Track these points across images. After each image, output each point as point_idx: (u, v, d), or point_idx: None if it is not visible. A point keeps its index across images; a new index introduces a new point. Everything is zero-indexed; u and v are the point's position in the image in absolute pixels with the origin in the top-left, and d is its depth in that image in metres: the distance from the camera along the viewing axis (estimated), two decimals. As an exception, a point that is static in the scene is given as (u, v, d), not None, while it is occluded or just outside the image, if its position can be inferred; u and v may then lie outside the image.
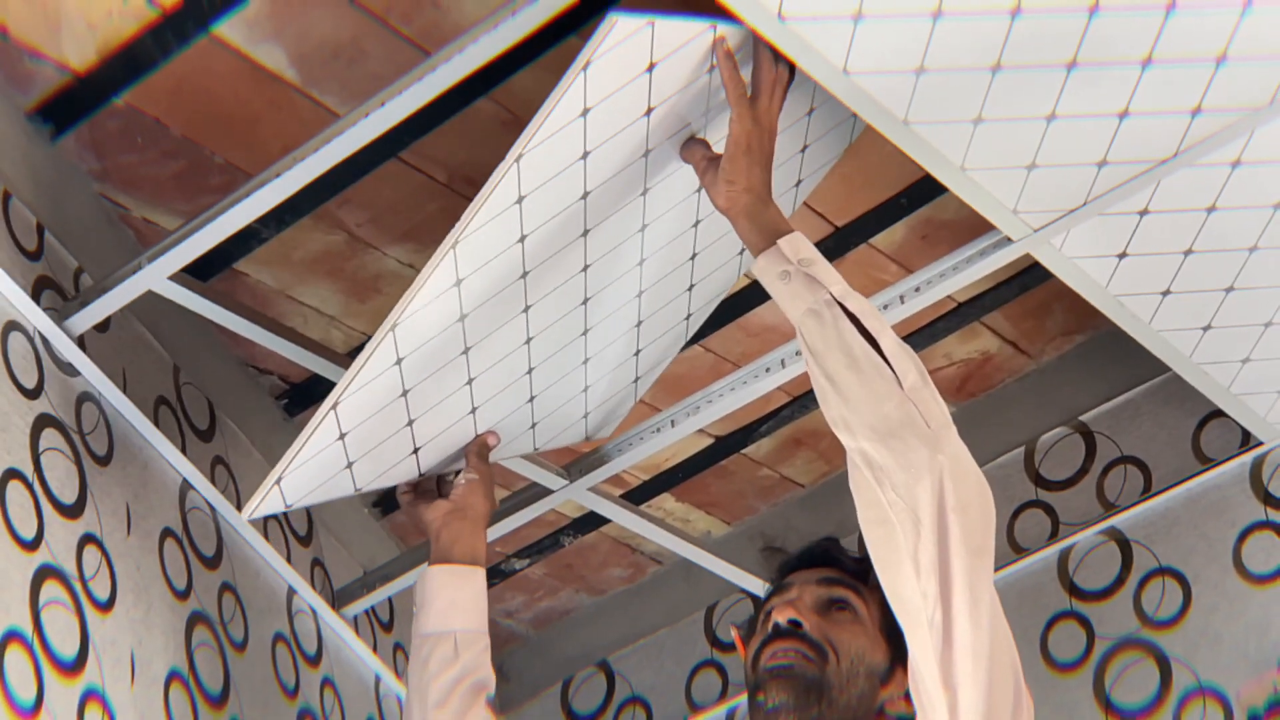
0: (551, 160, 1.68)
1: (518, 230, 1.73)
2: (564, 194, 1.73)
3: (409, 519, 2.04)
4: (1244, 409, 2.22)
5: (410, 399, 1.86)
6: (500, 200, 1.68)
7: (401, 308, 1.74)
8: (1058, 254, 1.97)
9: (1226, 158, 1.88)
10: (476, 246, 1.72)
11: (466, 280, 1.75)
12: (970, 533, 1.56)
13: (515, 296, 1.82)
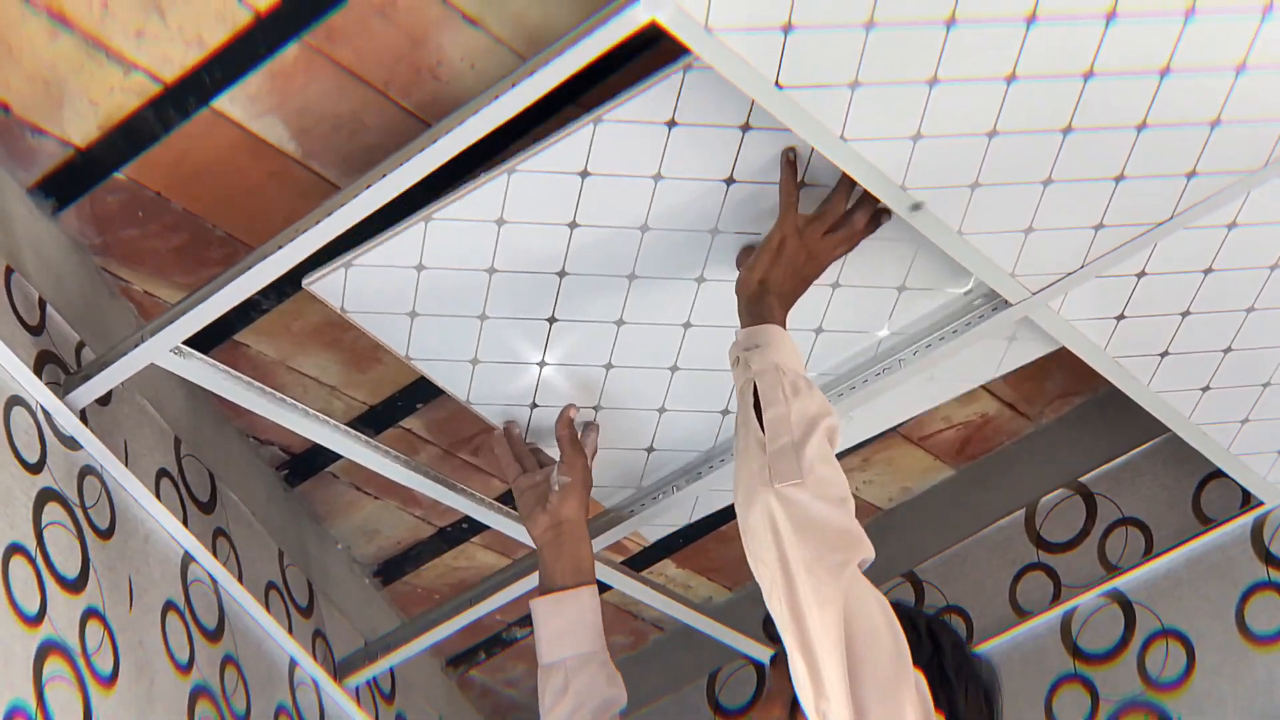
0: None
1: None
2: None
3: (520, 514, 1.98)
4: (1244, 469, 2.23)
5: (492, 286, 1.78)
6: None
7: (527, 156, 1.68)
8: (1056, 316, 1.98)
9: (1222, 220, 1.89)
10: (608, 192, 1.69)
11: (589, 188, 1.70)
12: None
13: (620, 267, 1.77)
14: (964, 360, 2.03)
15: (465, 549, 2.47)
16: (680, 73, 1.69)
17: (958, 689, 1.69)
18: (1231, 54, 1.71)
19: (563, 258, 1.82)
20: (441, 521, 2.43)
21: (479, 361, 1.89)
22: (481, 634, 2.60)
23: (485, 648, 2.63)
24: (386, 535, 2.44)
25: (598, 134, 1.71)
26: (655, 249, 1.83)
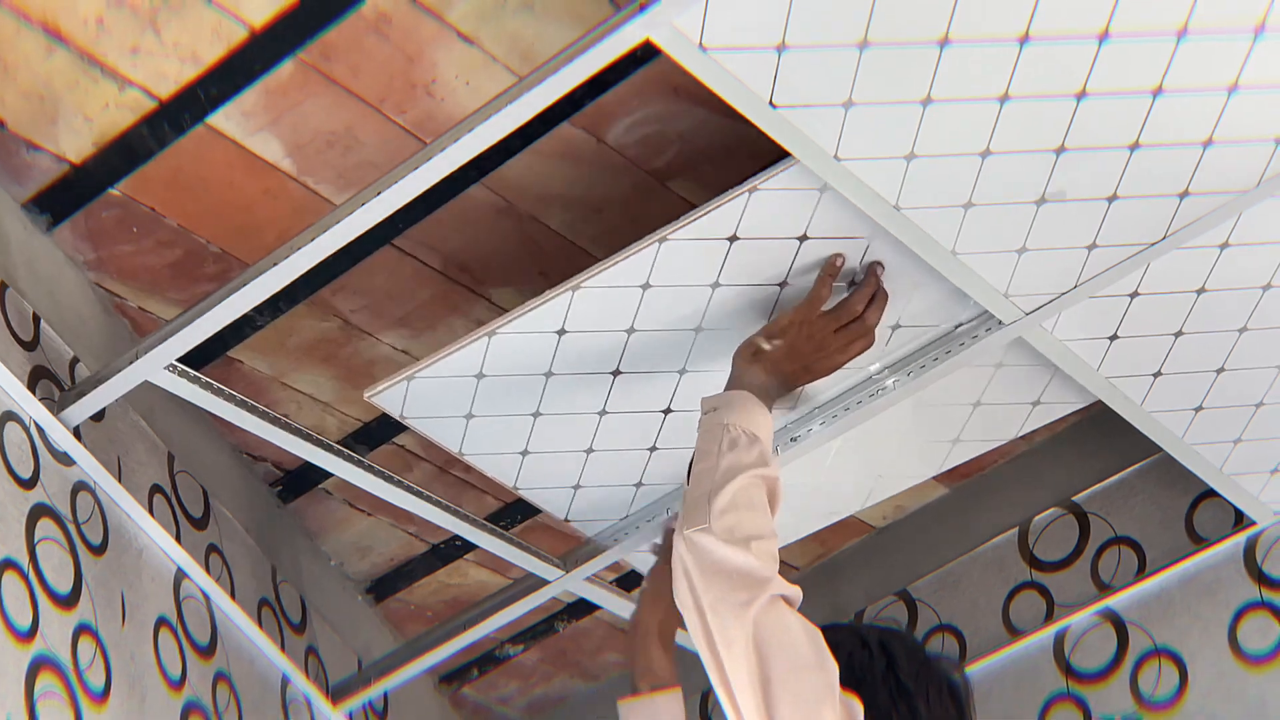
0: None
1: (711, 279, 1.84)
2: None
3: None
4: (1237, 489, 2.23)
5: (549, 387, 1.88)
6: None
7: (592, 274, 1.78)
8: (1049, 336, 1.99)
9: (1215, 240, 1.90)
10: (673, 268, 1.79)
11: (648, 298, 1.82)
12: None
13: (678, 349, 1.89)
14: (990, 417, 2.12)
15: (459, 566, 2.47)
16: (745, 194, 1.78)
17: (917, 695, 1.69)
18: (1224, 74, 1.72)
19: (619, 358, 1.92)
20: (434, 538, 2.43)
21: (528, 453, 2.00)
22: (475, 652, 2.59)
23: (479, 665, 2.63)
24: (379, 552, 2.44)
25: (661, 251, 1.81)
26: (704, 346, 1.93)
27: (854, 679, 1.69)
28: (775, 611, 1.61)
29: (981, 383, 2.08)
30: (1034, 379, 2.08)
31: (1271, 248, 1.92)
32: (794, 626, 1.62)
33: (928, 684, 1.71)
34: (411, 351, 2.15)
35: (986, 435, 2.16)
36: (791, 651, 1.60)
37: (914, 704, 1.69)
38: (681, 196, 2.00)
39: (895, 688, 1.69)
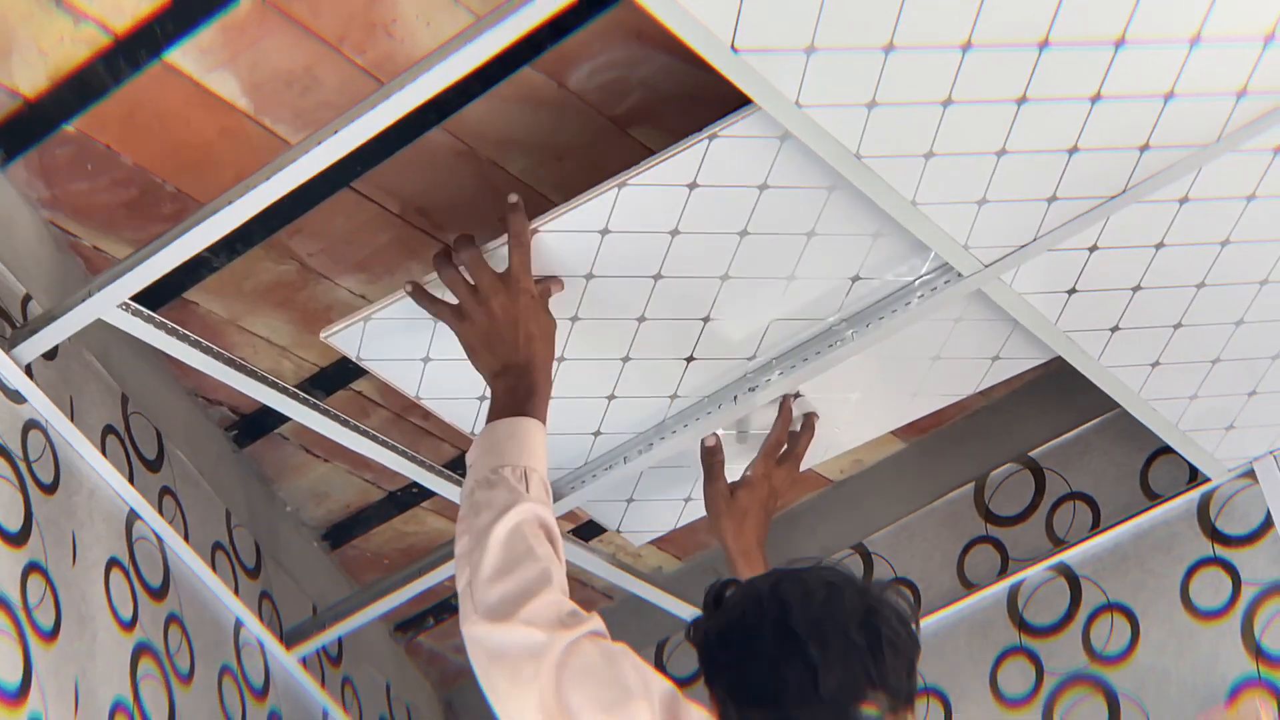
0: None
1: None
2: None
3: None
4: (1192, 445, 2.24)
5: None
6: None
7: (549, 218, 1.81)
8: (1008, 289, 1.99)
9: (1174, 194, 1.90)
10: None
11: (607, 243, 1.85)
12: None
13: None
14: (949, 372, 2.12)
15: (415, 514, 2.47)
16: (705, 141, 1.78)
17: (811, 642, 1.59)
18: (1186, 26, 1.71)
19: (576, 306, 1.91)
20: (391, 486, 2.42)
21: (486, 399, 1.95)
22: (430, 600, 2.59)
23: (434, 614, 2.62)
24: (336, 498, 2.43)
25: (620, 197, 1.81)
26: (664, 292, 1.93)
27: (745, 636, 1.64)
28: (572, 662, 1.59)
29: (941, 337, 2.08)
30: (994, 334, 2.08)
31: (1230, 203, 1.93)
32: (593, 668, 1.59)
33: (826, 630, 1.60)
34: (369, 296, 2.13)
35: (947, 390, 2.17)
36: (598, 694, 1.58)
37: (806, 651, 1.59)
38: (643, 143, 1.99)
39: (785, 636, 1.60)
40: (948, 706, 2.36)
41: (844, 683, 1.59)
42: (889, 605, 1.64)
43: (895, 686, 1.61)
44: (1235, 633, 2.23)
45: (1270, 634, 2.21)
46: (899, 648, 1.62)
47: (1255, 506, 2.26)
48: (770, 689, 1.61)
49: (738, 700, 1.65)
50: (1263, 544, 2.25)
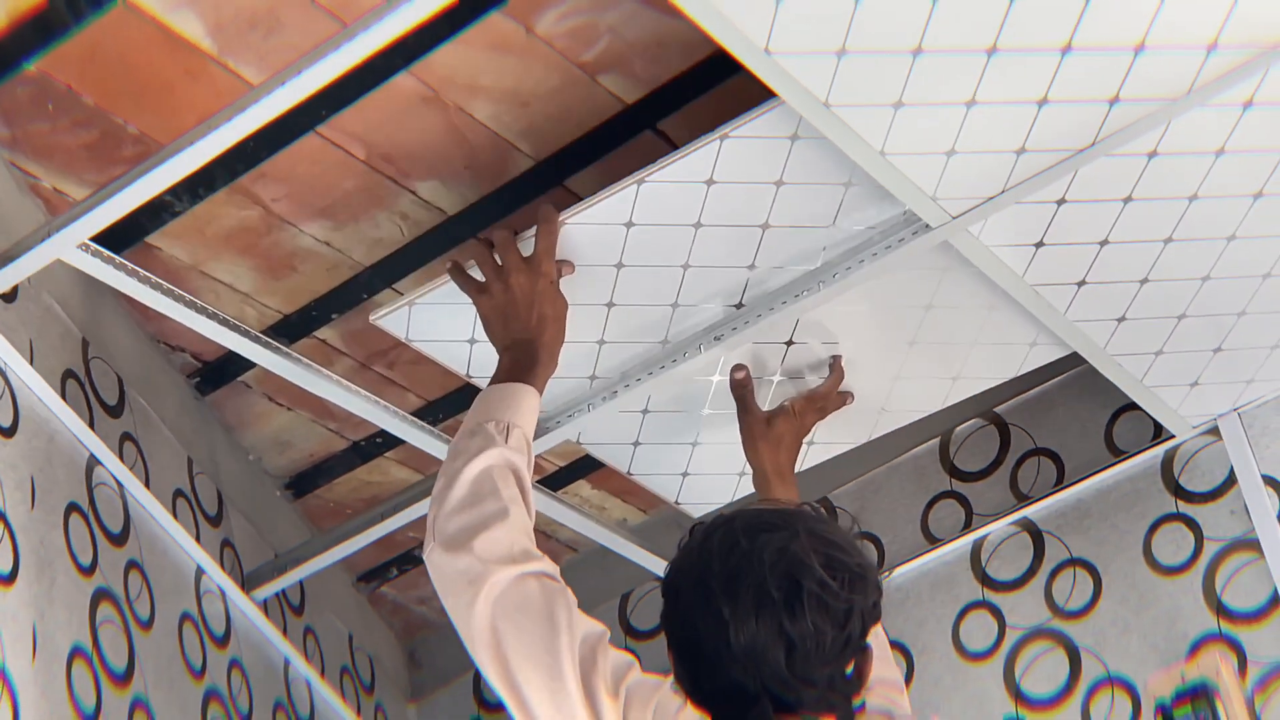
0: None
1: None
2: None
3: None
4: (1156, 401, 2.24)
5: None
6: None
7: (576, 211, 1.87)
8: (975, 242, 1.98)
9: (1143, 148, 1.89)
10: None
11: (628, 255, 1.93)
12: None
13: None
14: (985, 358, 2.16)
15: (379, 464, 2.45)
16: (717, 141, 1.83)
17: (724, 597, 1.56)
18: (1158, -23, 1.71)
19: (610, 291, 1.99)
20: (355, 435, 2.41)
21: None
22: (393, 550, 2.59)
23: (397, 564, 2.62)
24: (299, 448, 2.42)
25: (641, 191, 1.87)
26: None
27: (674, 587, 1.63)
28: (510, 594, 1.62)
29: (978, 323, 2.12)
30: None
31: (1199, 157, 1.92)
32: (530, 600, 1.62)
33: (739, 584, 1.56)
34: (334, 243, 2.12)
35: (986, 373, 2.20)
36: (524, 625, 1.61)
37: (718, 608, 1.56)
38: (610, 91, 1.98)
39: (701, 589, 1.58)
40: (910, 660, 2.37)
41: (756, 637, 1.57)
42: (821, 554, 1.59)
43: (819, 640, 1.58)
44: (1197, 588, 2.24)
45: (1231, 590, 2.22)
46: (826, 603, 1.58)
47: (1218, 463, 2.27)
48: (691, 641, 1.61)
49: (672, 647, 1.65)
50: (1225, 500, 2.26)
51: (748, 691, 1.58)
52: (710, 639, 1.59)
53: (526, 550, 1.65)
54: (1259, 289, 2.10)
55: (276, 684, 2.29)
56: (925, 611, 2.39)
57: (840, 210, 1.94)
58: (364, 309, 2.21)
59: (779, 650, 1.57)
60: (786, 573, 1.58)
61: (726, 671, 1.58)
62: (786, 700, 1.58)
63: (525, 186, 2.07)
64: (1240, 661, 2.18)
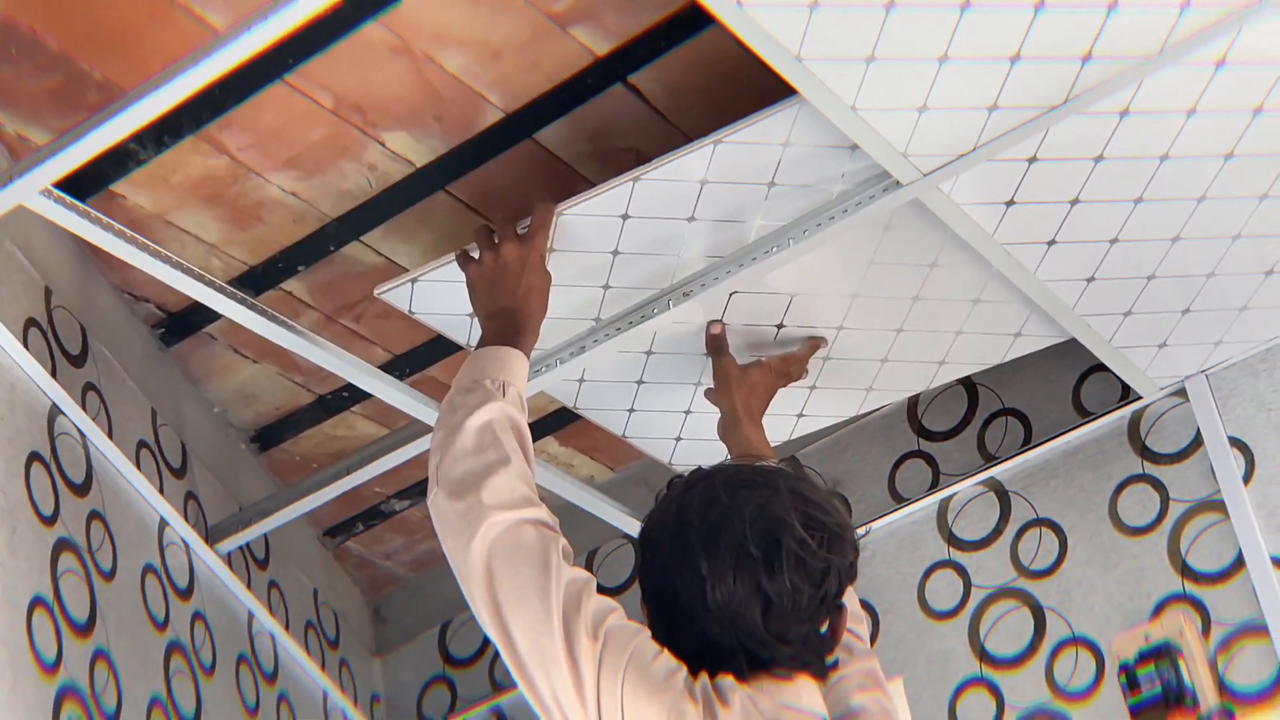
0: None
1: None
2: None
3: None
4: (1124, 362, 2.24)
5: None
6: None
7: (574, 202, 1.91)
8: (946, 200, 1.97)
9: (1115, 106, 1.89)
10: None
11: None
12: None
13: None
14: (973, 345, 2.20)
15: (345, 418, 2.44)
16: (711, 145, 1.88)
17: (701, 555, 1.59)
18: (1132, -66, 1.70)
19: (607, 275, 2.04)
20: (322, 389, 2.40)
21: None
22: (359, 505, 2.58)
23: (363, 519, 2.61)
24: (265, 401, 2.40)
25: (635, 189, 1.93)
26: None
27: (652, 541, 1.66)
28: (506, 536, 1.63)
29: (964, 312, 2.15)
30: (1013, 315, 2.16)
31: (1171, 117, 1.92)
32: (525, 545, 1.63)
33: (719, 541, 1.59)
34: (301, 194, 2.10)
35: (974, 359, 2.24)
36: (517, 567, 1.61)
37: (696, 563, 1.59)
38: (581, 43, 1.96)
39: (680, 544, 1.61)
40: (875, 618, 2.37)
41: (733, 594, 1.58)
42: (800, 512, 1.61)
43: (795, 599, 1.59)
44: (1161, 549, 2.24)
45: (1196, 551, 2.22)
46: (805, 561, 1.59)
47: (1185, 425, 2.27)
48: (667, 595, 1.63)
49: (646, 600, 1.67)
50: (1191, 461, 2.26)
51: (723, 646, 1.60)
52: (687, 594, 1.60)
53: (527, 497, 1.66)
54: (1228, 250, 2.10)
55: (240, 637, 2.28)
56: (891, 570, 2.39)
57: (803, 168, 1.94)
58: (331, 261, 2.19)
59: (755, 607, 1.58)
60: (766, 530, 1.60)
61: (702, 626, 1.60)
62: (761, 657, 1.60)
63: (495, 139, 2.05)
64: (1204, 622, 2.19)
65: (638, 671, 1.57)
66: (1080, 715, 2.22)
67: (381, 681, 2.65)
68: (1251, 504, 2.19)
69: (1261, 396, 2.24)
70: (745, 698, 1.58)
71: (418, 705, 2.63)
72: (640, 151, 2.09)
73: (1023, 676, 2.27)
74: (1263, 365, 2.25)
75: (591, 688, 1.57)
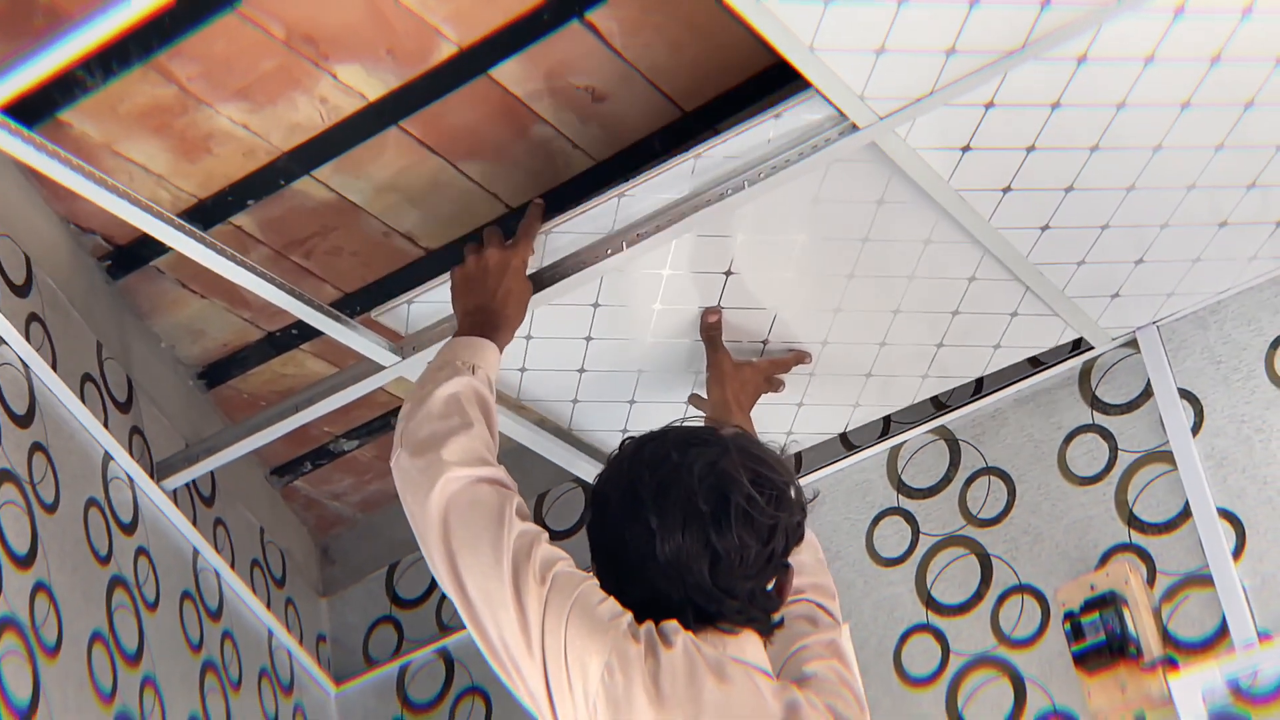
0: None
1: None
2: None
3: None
4: (1076, 312, 2.24)
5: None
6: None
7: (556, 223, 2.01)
8: (902, 144, 1.96)
9: (1073, 52, 1.88)
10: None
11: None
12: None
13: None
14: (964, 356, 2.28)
15: (294, 356, 2.42)
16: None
17: (652, 510, 1.62)
18: (1094, -124, 1.69)
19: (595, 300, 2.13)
20: (271, 326, 2.37)
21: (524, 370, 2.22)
22: (308, 444, 2.56)
23: (311, 458, 2.59)
24: (213, 337, 2.38)
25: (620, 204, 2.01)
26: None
27: (603, 497, 1.69)
28: (464, 491, 1.68)
29: (957, 294, 2.17)
30: (1009, 293, 2.19)
31: (1128, 64, 1.91)
32: (480, 500, 1.68)
33: (669, 496, 1.62)
34: (251, 126, 2.07)
35: (962, 372, 2.30)
36: (471, 521, 1.66)
37: (646, 518, 1.62)
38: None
39: (631, 500, 1.64)
40: (823, 564, 2.37)
41: (682, 548, 1.61)
42: (749, 470, 1.64)
43: (743, 554, 1.62)
44: (1109, 499, 2.25)
45: (1143, 501, 2.23)
46: (753, 518, 1.63)
47: (1136, 375, 2.28)
48: (617, 549, 1.66)
49: (596, 556, 1.69)
50: (1140, 412, 2.27)
51: (671, 600, 1.63)
52: (636, 548, 1.63)
53: (484, 459, 1.72)
54: (1182, 201, 2.10)
55: (184, 574, 2.26)
56: (840, 516, 2.39)
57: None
58: (282, 196, 2.17)
59: (704, 562, 1.62)
60: (715, 487, 1.63)
61: (651, 580, 1.63)
62: (708, 610, 1.64)
63: (448, 74, 2.03)
64: (1149, 572, 2.20)
65: (582, 612, 1.60)
66: (1024, 662, 2.23)
67: (328, 621, 2.64)
68: (1199, 455, 2.20)
69: (1212, 348, 2.24)
70: (689, 641, 1.60)
71: (364, 645, 2.62)
72: (596, 90, 2.07)
73: (968, 623, 2.28)
74: (1214, 317, 2.25)
75: (536, 628, 1.60)
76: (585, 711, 1.57)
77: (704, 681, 1.57)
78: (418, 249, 2.26)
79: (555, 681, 1.58)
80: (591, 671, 1.57)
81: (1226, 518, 2.17)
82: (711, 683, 1.58)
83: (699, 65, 2.09)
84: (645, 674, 1.56)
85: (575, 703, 1.57)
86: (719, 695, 1.57)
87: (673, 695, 1.56)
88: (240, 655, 2.34)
